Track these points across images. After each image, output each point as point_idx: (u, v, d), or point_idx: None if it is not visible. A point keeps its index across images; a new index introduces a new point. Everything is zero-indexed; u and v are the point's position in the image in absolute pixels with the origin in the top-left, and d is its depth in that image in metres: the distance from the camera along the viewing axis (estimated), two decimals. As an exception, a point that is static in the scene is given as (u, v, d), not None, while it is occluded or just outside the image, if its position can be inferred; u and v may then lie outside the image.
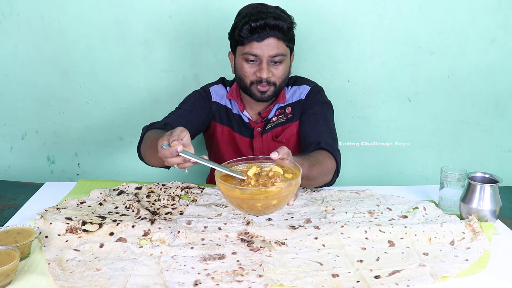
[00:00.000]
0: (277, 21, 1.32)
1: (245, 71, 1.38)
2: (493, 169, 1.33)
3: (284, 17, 1.35)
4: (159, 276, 0.93)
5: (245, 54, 1.36)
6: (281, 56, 1.35)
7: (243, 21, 1.34)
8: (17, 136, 1.86)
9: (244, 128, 1.48)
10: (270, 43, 1.34)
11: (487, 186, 1.16)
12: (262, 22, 1.32)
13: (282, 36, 1.34)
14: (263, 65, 1.35)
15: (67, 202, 1.26)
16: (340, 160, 1.33)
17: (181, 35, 1.74)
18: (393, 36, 1.75)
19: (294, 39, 1.41)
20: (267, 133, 1.47)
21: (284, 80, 1.41)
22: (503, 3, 1.72)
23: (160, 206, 1.27)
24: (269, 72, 1.36)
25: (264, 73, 1.35)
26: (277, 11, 1.37)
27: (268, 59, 1.35)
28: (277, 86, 1.40)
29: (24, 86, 1.80)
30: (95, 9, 1.70)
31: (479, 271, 0.97)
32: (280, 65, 1.37)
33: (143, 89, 1.81)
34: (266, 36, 1.33)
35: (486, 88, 1.82)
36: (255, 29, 1.32)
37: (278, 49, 1.34)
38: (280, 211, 1.22)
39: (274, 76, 1.38)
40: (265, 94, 1.39)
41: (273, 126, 1.46)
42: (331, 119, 1.46)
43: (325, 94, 1.51)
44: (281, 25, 1.33)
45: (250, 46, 1.34)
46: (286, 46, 1.37)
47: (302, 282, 0.92)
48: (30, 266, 0.96)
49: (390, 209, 1.25)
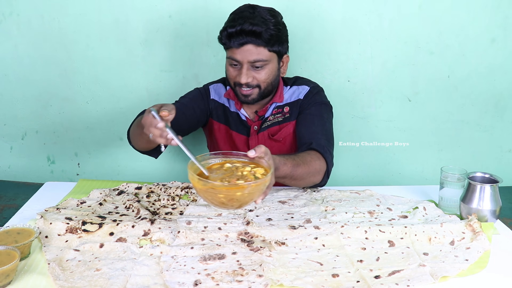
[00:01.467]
0: (254, 27, 1.31)
1: (229, 74, 1.40)
2: (493, 169, 1.33)
3: (265, 22, 1.33)
4: (159, 276, 0.93)
5: (229, 59, 1.38)
6: (261, 62, 1.35)
7: (224, 26, 1.36)
8: (17, 136, 1.86)
9: (241, 126, 1.49)
10: (249, 49, 1.33)
11: (487, 186, 1.16)
12: (238, 29, 1.32)
13: (261, 42, 1.33)
14: (242, 71, 1.36)
15: (67, 202, 1.26)
16: (331, 161, 1.33)
17: (181, 35, 1.74)
18: (393, 36, 1.75)
19: (283, 42, 1.39)
20: (263, 132, 1.47)
21: (270, 83, 1.40)
22: (503, 3, 1.72)
23: (160, 206, 1.27)
24: (249, 77, 1.36)
25: (243, 79, 1.35)
26: (260, 15, 1.34)
27: (248, 64, 1.35)
28: (262, 89, 1.39)
29: (24, 86, 1.80)
30: (95, 9, 1.70)
31: (479, 271, 0.97)
32: (262, 69, 1.37)
33: (143, 89, 1.81)
34: (244, 42, 1.33)
35: (486, 88, 1.82)
36: (232, 35, 1.33)
37: (258, 55, 1.34)
38: (280, 211, 1.22)
39: (256, 80, 1.37)
40: (249, 97, 1.40)
41: (269, 124, 1.47)
42: (328, 121, 1.46)
43: (324, 95, 1.51)
44: (259, 31, 1.31)
45: (232, 52, 1.36)
46: (268, 51, 1.35)
47: (302, 282, 0.92)
48: (30, 266, 0.96)
49: (390, 209, 1.25)
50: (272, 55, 1.37)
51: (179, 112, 1.36)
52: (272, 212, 1.22)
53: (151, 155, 1.39)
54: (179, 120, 1.35)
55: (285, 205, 1.27)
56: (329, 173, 1.34)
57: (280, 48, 1.38)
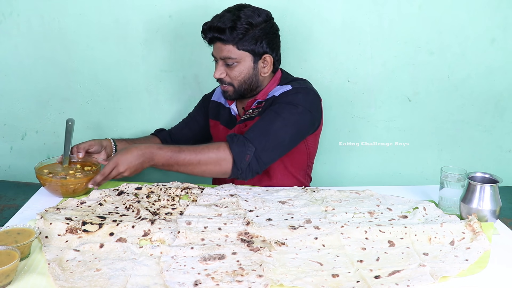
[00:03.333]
0: (218, 23, 1.34)
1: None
2: (493, 169, 1.33)
3: (235, 20, 1.34)
4: (159, 276, 0.93)
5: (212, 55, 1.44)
6: (231, 59, 1.38)
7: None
8: (17, 136, 1.86)
9: (231, 121, 1.54)
10: (218, 46, 1.39)
11: (487, 186, 1.16)
12: (208, 25, 1.38)
13: (227, 41, 1.35)
14: (217, 66, 1.42)
15: (67, 202, 1.26)
16: (238, 153, 1.27)
17: (181, 35, 1.74)
18: (393, 36, 1.75)
19: (257, 42, 1.37)
20: (239, 125, 1.49)
21: (243, 81, 1.42)
22: (503, 3, 1.72)
23: (160, 206, 1.27)
24: (222, 73, 1.41)
25: (216, 74, 1.41)
26: (236, 15, 1.35)
27: (222, 61, 1.40)
28: (236, 87, 1.43)
29: (24, 86, 1.80)
30: (95, 9, 1.70)
31: (479, 271, 0.97)
32: (233, 67, 1.39)
33: (143, 89, 1.81)
34: (211, 38, 1.39)
35: (486, 88, 1.82)
36: (204, 32, 1.40)
37: (227, 52, 1.37)
38: (280, 211, 1.23)
39: (228, 77, 1.42)
40: (227, 94, 1.46)
41: (245, 119, 1.48)
42: (285, 121, 1.33)
43: (305, 98, 1.39)
44: (222, 27, 1.34)
45: (211, 48, 1.43)
46: (238, 50, 1.37)
47: (302, 282, 0.92)
48: (30, 266, 0.96)
49: (390, 209, 1.25)
50: (243, 53, 1.38)
51: (182, 125, 1.67)
52: (272, 212, 1.22)
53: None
54: (185, 132, 1.66)
55: (285, 205, 1.27)
56: (239, 165, 1.27)
57: (253, 47, 1.38)
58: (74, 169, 1.36)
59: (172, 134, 1.64)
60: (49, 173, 1.31)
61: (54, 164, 1.39)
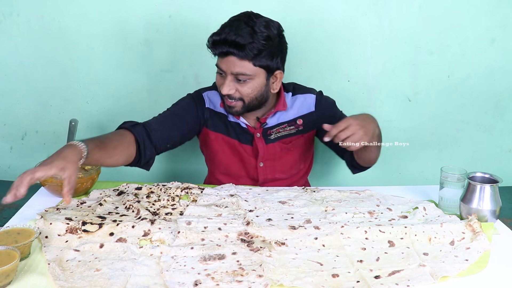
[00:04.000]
0: (237, 38, 1.24)
1: (217, 82, 1.37)
2: (493, 169, 1.32)
3: (252, 35, 1.25)
4: (159, 276, 0.93)
5: (216, 66, 1.33)
6: (244, 76, 1.29)
7: (212, 33, 1.31)
8: (17, 136, 1.86)
9: (243, 135, 1.46)
10: (232, 60, 1.28)
11: (487, 186, 1.16)
12: (222, 37, 1.27)
13: (245, 56, 1.26)
14: (225, 81, 1.31)
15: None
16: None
17: (181, 35, 1.74)
18: (393, 36, 1.75)
19: (273, 57, 1.31)
20: (275, 143, 1.46)
21: (255, 98, 1.35)
22: (503, 3, 1.72)
23: (160, 206, 1.27)
24: (231, 88, 1.31)
25: (224, 89, 1.31)
26: (252, 27, 1.26)
27: (232, 76, 1.30)
28: (246, 103, 1.35)
29: (24, 86, 1.80)
30: (95, 9, 1.70)
31: (479, 271, 0.97)
32: (245, 83, 1.31)
33: (143, 89, 1.81)
34: (226, 52, 1.28)
35: (486, 88, 1.82)
36: (216, 44, 1.29)
37: (241, 68, 1.28)
38: (280, 211, 1.23)
39: (238, 93, 1.32)
40: (233, 109, 1.36)
41: (283, 135, 1.46)
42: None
43: (325, 95, 1.52)
44: (242, 43, 1.24)
45: (218, 60, 1.32)
46: (254, 66, 1.28)
47: (302, 282, 0.92)
48: (30, 266, 0.96)
49: (390, 209, 1.25)
50: (258, 70, 1.30)
51: (168, 122, 1.39)
52: (272, 212, 1.22)
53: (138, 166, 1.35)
54: (170, 131, 1.38)
55: (285, 205, 1.27)
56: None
57: (269, 63, 1.31)
58: None
59: (152, 131, 1.34)
60: None
61: None
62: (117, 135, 1.27)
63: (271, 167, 1.49)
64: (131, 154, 1.28)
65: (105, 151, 1.17)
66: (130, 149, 1.27)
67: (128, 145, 1.27)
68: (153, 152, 1.34)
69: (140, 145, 1.30)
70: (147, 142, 1.32)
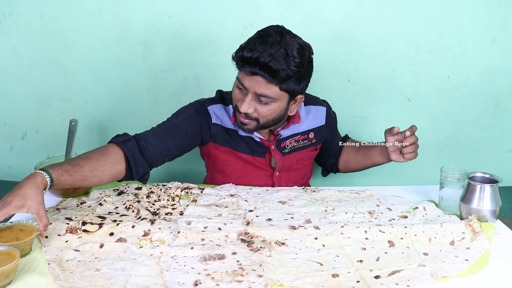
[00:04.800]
0: (271, 61, 1.18)
1: (234, 95, 1.31)
2: (493, 169, 1.33)
3: (286, 59, 1.19)
4: (159, 276, 0.93)
5: (237, 80, 1.28)
6: (268, 98, 1.24)
7: (242, 46, 1.24)
8: (17, 136, 1.86)
9: (257, 148, 1.43)
10: (259, 81, 1.22)
11: (487, 186, 1.16)
12: (254, 56, 1.19)
13: (273, 80, 1.20)
14: (245, 98, 1.25)
15: (67, 202, 1.26)
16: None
17: (181, 35, 1.74)
18: (393, 36, 1.75)
19: (301, 82, 1.26)
20: (290, 154, 1.46)
21: (271, 120, 1.31)
22: (503, 3, 1.72)
23: (160, 206, 1.27)
24: (250, 107, 1.26)
25: (243, 107, 1.26)
26: (285, 49, 1.19)
27: (253, 95, 1.25)
28: (261, 123, 1.30)
29: (24, 86, 1.80)
30: (95, 9, 1.70)
31: (479, 271, 0.97)
32: (266, 105, 1.26)
33: (143, 89, 1.81)
34: (255, 72, 1.21)
35: (486, 88, 1.82)
36: (246, 61, 1.21)
37: (266, 90, 1.22)
38: (280, 211, 1.23)
39: (256, 113, 1.28)
40: (245, 126, 1.31)
41: (297, 148, 1.47)
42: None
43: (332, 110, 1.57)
44: (275, 68, 1.18)
45: (242, 75, 1.25)
46: (280, 90, 1.23)
47: (302, 282, 0.92)
48: (30, 266, 0.96)
49: (390, 209, 1.25)
50: (283, 94, 1.25)
51: (166, 136, 1.31)
52: (272, 212, 1.22)
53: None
54: (168, 145, 1.31)
55: (285, 205, 1.27)
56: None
57: (295, 87, 1.26)
58: None
59: (148, 146, 1.28)
60: None
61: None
62: (100, 154, 1.18)
63: (286, 177, 1.50)
64: (118, 171, 1.21)
65: (79, 174, 1.11)
66: (117, 166, 1.20)
67: (114, 163, 1.19)
68: (147, 167, 1.27)
69: (131, 162, 1.22)
70: (138, 159, 1.24)
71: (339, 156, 1.61)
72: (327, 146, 1.56)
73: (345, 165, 1.61)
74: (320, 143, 1.53)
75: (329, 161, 1.63)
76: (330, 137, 1.54)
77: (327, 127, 1.51)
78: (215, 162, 1.47)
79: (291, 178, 1.51)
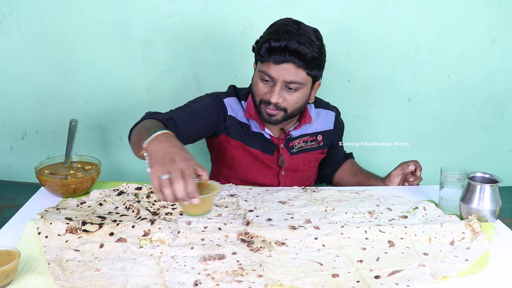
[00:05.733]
0: (300, 46, 1.23)
1: (258, 89, 1.32)
2: (493, 169, 1.33)
3: (311, 44, 1.25)
4: (159, 276, 0.93)
5: (261, 72, 1.29)
6: (297, 84, 1.28)
7: (265, 38, 1.27)
8: (17, 136, 1.86)
9: (267, 145, 1.44)
10: (288, 68, 1.26)
11: (487, 186, 1.16)
12: (283, 44, 1.23)
13: (302, 64, 1.25)
14: (275, 89, 1.28)
15: (67, 202, 1.26)
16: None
17: (181, 35, 1.74)
18: (393, 36, 1.75)
19: (321, 67, 1.32)
20: (297, 155, 1.47)
21: (298, 108, 1.34)
22: (503, 3, 1.72)
23: (160, 206, 1.27)
24: (280, 97, 1.29)
25: (274, 97, 1.28)
26: (306, 35, 1.26)
27: (282, 84, 1.28)
28: (288, 113, 1.33)
29: (24, 86, 1.80)
30: (95, 9, 1.70)
31: (479, 271, 0.97)
32: (294, 92, 1.29)
33: (143, 89, 1.81)
34: (284, 60, 1.24)
35: (486, 88, 1.82)
36: (274, 50, 1.24)
37: (295, 76, 1.26)
38: (280, 211, 1.23)
39: (285, 102, 1.31)
40: (273, 118, 1.33)
41: (305, 149, 1.48)
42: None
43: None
44: (304, 52, 1.23)
45: (267, 66, 1.27)
46: (306, 75, 1.28)
47: (302, 282, 0.92)
48: (30, 266, 0.96)
49: (390, 209, 1.25)
50: (308, 79, 1.30)
51: (191, 121, 1.33)
52: (272, 212, 1.22)
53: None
54: (190, 130, 1.32)
55: (285, 205, 1.27)
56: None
57: (317, 72, 1.31)
58: (75, 168, 1.36)
59: (177, 129, 1.29)
60: (49, 173, 1.31)
61: (55, 164, 1.39)
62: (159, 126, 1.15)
63: (291, 177, 1.50)
64: None
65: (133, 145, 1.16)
66: None
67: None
68: None
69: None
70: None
71: (336, 171, 1.63)
72: (328, 154, 1.57)
73: (338, 181, 1.63)
74: (327, 147, 1.54)
75: (325, 171, 1.64)
76: (335, 144, 1.56)
77: (334, 132, 1.53)
78: (223, 155, 1.48)
79: (296, 179, 1.51)
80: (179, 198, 0.89)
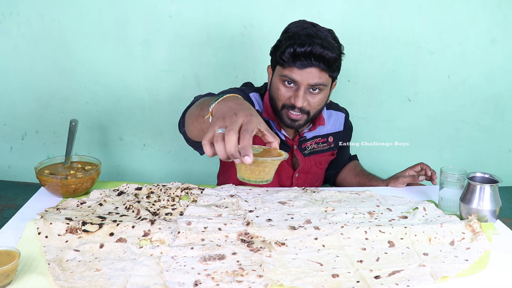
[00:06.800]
0: (324, 51, 1.23)
1: (280, 93, 1.31)
2: (493, 169, 1.33)
3: (333, 46, 1.26)
4: (159, 277, 0.93)
5: (283, 77, 1.28)
6: (321, 86, 1.28)
7: (288, 42, 1.25)
8: (17, 136, 1.86)
9: (282, 146, 1.43)
10: (312, 72, 1.26)
11: (487, 186, 1.16)
12: (308, 50, 1.22)
13: (326, 68, 1.26)
14: (299, 93, 1.27)
15: (67, 203, 1.26)
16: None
17: (181, 35, 1.74)
18: (393, 36, 1.75)
19: (340, 68, 1.33)
20: (310, 156, 1.48)
21: (319, 110, 1.35)
22: (503, 3, 1.72)
23: (160, 206, 1.27)
24: (305, 100, 1.29)
25: (299, 102, 1.28)
26: (327, 38, 1.26)
27: (306, 87, 1.27)
28: (310, 116, 1.34)
29: (24, 86, 1.80)
30: (95, 9, 1.70)
31: (479, 271, 0.97)
32: (318, 94, 1.30)
33: (143, 89, 1.81)
34: (309, 65, 1.24)
35: (486, 88, 1.82)
36: (299, 56, 1.24)
37: (319, 79, 1.26)
38: (280, 211, 1.23)
39: (309, 105, 1.31)
40: (296, 123, 1.33)
41: (317, 151, 1.48)
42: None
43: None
44: (328, 57, 1.24)
45: (290, 70, 1.27)
46: (328, 77, 1.29)
47: (302, 282, 0.92)
48: (30, 266, 0.96)
49: (390, 210, 1.25)
50: (329, 80, 1.31)
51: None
52: (272, 212, 1.22)
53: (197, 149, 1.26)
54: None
55: (285, 205, 1.27)
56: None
57: (337, 74, 1.32)
58: (75, 168, 1.36)
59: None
60: (49, 173, 1.31)
61: (55, 164, 1.39)
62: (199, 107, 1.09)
63: (303, 179, 1.51)
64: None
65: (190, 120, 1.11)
66: None
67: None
68: None
69: None
70: None
71: (339, 172, 1.63)
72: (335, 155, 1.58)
73: (340, 182, 1.63)
74: (337, 149, 1.55)
75: (329, 172, 1.63)
76: (342, 145, 1.56)
77: (344, 134, 1.54)
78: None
79: (308, 181, 1.52)
80: (229, 153, 0.79)
